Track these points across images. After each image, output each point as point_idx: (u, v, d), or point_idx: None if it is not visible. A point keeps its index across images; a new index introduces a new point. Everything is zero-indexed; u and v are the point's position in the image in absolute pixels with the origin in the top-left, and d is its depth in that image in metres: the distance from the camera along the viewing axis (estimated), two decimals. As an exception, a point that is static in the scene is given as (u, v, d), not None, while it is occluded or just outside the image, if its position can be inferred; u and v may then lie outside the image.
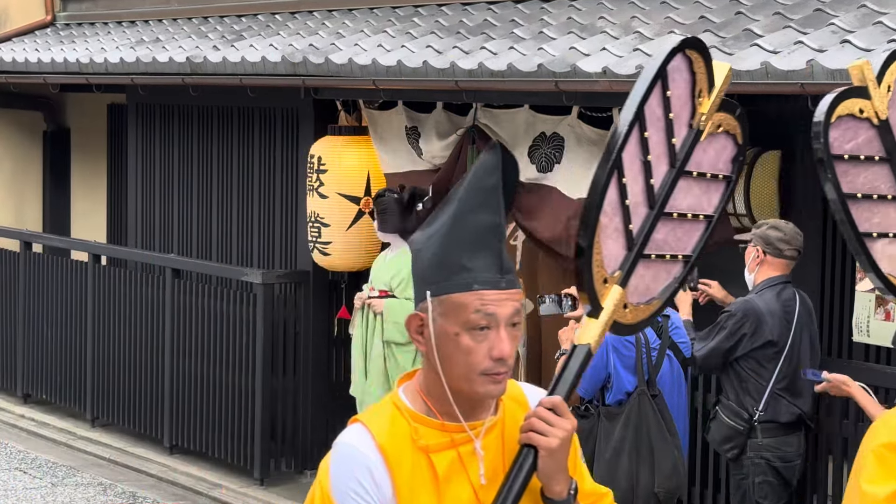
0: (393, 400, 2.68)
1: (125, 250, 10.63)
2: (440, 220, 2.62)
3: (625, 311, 2.76)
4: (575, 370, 2.64)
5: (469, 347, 2.56)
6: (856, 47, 5.66)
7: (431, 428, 2.62)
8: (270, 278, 8.94)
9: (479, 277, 2.57)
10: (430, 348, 2.60)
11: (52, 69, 10.57)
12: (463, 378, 2.57)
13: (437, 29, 8.15)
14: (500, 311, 2.56)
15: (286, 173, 9.44)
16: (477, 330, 2.56)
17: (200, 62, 9.10)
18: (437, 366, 2.59)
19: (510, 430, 2.65)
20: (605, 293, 2.71)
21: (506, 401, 2.68)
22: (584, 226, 2.67)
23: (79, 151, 12.65)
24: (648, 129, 2.74)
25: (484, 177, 2.60)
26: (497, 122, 7.70)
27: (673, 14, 6.98)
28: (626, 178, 2.70)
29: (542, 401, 2.60)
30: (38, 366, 11.02)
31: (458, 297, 2.56)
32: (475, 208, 2.58)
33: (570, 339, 6.08)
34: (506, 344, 2.56)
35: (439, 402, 2.62)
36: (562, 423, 2.56)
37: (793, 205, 7.03)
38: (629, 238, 2.75)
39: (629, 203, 2.73)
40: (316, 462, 9.13)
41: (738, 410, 6.12)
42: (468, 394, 2.60)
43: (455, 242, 2.58)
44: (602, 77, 6.50)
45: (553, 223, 7.32)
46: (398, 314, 7.89)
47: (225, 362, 9.21)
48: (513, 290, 2.59)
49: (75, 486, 9.16)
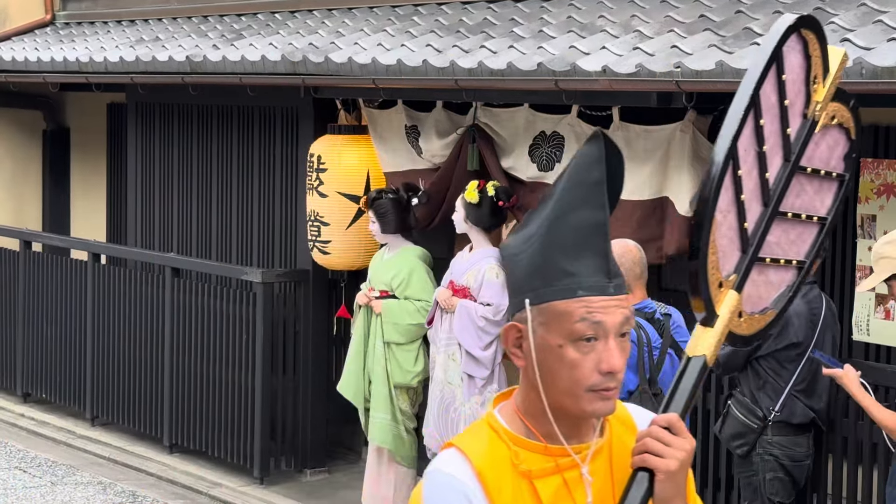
0: (489, 421, 2.42)
1: (125, 249, 10.63)
2: (537, 221, 2.37)
3: (739, 321, 2.48)
4: (691, 385, 2.37)
5: (574, 360, 2.31)
6: (856, 46, 5.66)
7: (533, 452, 2.37)
8: (270, 277, 8.94)
9: (583, 282, 2.31)
10: (530, 363, 2.35)
11: (52, 68, 10.57)
12: (568, 395, 2.33)
13: (436, 28, 8.15)
14: (608, 320, 2.31)
15: (286, 172, 9.44)
16: (583, 341, 2.31)
17: (200, 61, 9.09)
18: (537, 382, 2.34)
19: (618, 455, 2.41)
20: (721, 299, 2.44)
21: (612, 422, 2.44)
22: (698, 222, 2.37)
23: (78, 150, 12.65)
24: (763, 115, 2.45)
25: (586, 170, 2.34)
26: (497, 120, 7.70)
27: (673, 13, 6.98)
28: (741, 171, 2.42)
29: (657, 419, 2.32)
30: (38, 365, 11.02)
31: (561, 304, 2.31)
32: (577, 206, 2.33)
33: None
34: (615, 356, 2.31)
35: (540, 422, 2.38)
36: (680, 442, 2.30)
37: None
38: (744, 238, 2.47)
39: (744, 198, 2.44)
40: (316, 461, 9.15)
41: (753, 408, 6.10)
42: (573, 413, 2.35)
43: (556, 244, 2.33)
44: (602, 76, 6.50)
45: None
46: (397, 315, 7.89)
47: (225, 361, 9.21)
48: (621, 296, 2.34)
49: (75, 485, 9.16)
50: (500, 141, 7.69)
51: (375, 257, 8.20)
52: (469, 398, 7.43)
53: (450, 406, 7.50)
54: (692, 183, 6.69)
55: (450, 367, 7.50)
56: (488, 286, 7.36)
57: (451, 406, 7.50)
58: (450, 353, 7.50)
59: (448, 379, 7.51)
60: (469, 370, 7.41)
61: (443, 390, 7.53)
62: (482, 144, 7.70)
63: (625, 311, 2.33)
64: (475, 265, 7.45)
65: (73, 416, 10.74)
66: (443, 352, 7.54)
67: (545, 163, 7.42)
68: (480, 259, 7.45)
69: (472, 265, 7.47)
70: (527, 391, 2.39)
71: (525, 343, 2.35)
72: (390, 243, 8.05)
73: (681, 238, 6.75)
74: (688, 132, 6.69)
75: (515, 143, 7.59)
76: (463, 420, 7.43)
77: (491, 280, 7.37)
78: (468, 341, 7.38)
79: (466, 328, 7.38)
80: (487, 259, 7.42)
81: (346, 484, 9.05)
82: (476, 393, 7.42)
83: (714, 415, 6.82)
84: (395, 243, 8.04)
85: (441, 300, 7.51)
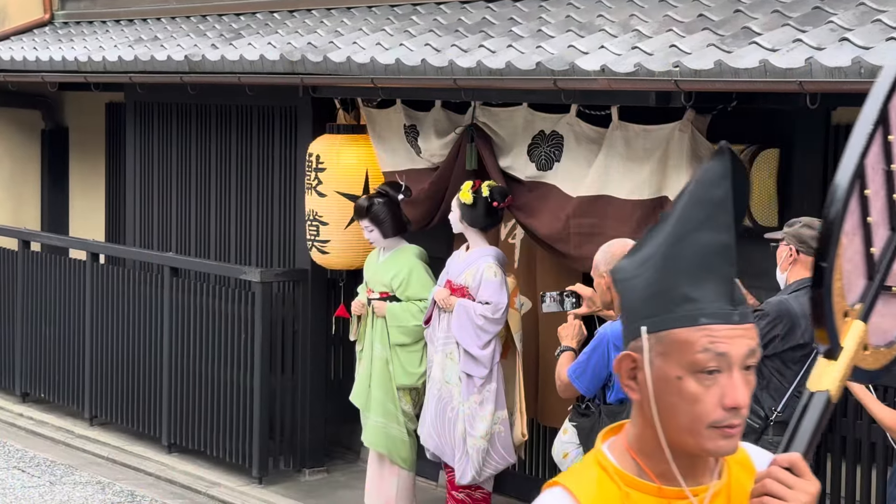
0: (598, 459, 2.25)
1: (123, 249, 10.63)
2: (655, 242, 2.20)
3: (865, 354, 2.30)
4: (814, 422, 2.22)
5: (695, 394, 2.14)
6: (854, 45, 5.66)
7: (647, 493, 2.21)
8: (269, 277, 8.93)
9: (706, 309, 2.15)
10: (646, 396, 2.17)
11: (51, 68, 10.57)
12: (687, 432, 2.15)
13: (435, 27, 8.15)
14: (732, 351, 2.15)
15: (284, 172, 9.44)
16: (705, 373, 2.14)
17: (199, 60, 9.09)
18: (653, 417, 2.17)
19: (737, 499, 2.24)
20: (845, 330, 2.26)
21: (730, 463, 2.27)
22: (824, 245, 2.21)
23: (77, 150, 12.64)
24: (893, 131, 2.27)
25: (710, 187, 2.18)
26: (496, 120, 7.70)
27: (671, 12, 6.98)
28: (869, 190, 2.25)
29: (778, 458, 2.17)
30: (37, 364, 11.02)
31: (682, 333, 2.14)
32: (700, 226, 2.17)
33: (571, 335, 6.07)
34: (740, 390, 2.14)
35: (654, 461, 2.20)
36: (803, 484, 2.14)
37: (791, 202, 7.03)
38: (870, 264, 2.30)
39: (871, 221, 2.27)
40: (314, 460, 9.15)
41: (755, 408, 6.08)
42: (692, 451, 2.18)
43: (676, 267, 2.17)
44: (601, 75, 6.50)
45: (552, 221, 7.32)
46: (402, 318, 7.87)
47: (223, 361, 9.21)
48: (747, 325, 2.17)
49: (73, 485, 9.15)
50: (499, 140, 7.69)
51: (370, 259, 8.17)
52: (468, 397, 7.42)
53: (447, 405, 7.50)
54: (691, 182, 6.67)
55: (447, 367, 7.50)
56: (487, 285, 7.36)
57: (448, 405, 7.50)
58: (447, 352, 7.50)
59: (446, 378, 7.50)
60: (468, 369, 7.41)
61: (440, 389, 7.53)
62: (481, 144, 7.70)
63: (751, 341, 2.17)
64: (473, 264, 7.44)
65: (71, 416, 10.73)
66: (440, 351, 7.53)
67: (544, 162, 7.42)
68: (478, 258, 7.44)
69: (469, 264, 7.46)
70: (641, 427, 2.22)
71: (640, 374, 2.18)
72: (386, 246, 8.04)
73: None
74: (686, 131, 6.69)
75: (514, 142, 7.59)
76: (461, 419, 7.42)
77: (489, 279, 7.36)
78: (467, 340, 7.38)
79: (465, 327, 7.38)
80: (485, 258, 7.42)
81: (345, 483, 9.05)
82: (475, 392, 7.42)
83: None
84: (390, 244, 8.03)
85: (439, 300, 7.51)
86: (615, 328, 5.66)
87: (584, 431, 5.76)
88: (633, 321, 2.22)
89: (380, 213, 7.91)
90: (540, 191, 7.44)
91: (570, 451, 5.86)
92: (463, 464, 7.46)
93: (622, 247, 5.77)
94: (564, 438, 5.88)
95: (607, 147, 7.06)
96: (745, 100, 6.52)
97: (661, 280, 2.18)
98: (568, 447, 5.86)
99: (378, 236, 7.97)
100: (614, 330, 5.65)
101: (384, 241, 7.99)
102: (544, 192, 7.41)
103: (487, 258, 7.41)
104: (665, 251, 2.18)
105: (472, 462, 7.43)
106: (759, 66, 5.84)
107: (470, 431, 7.41)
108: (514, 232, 8.05)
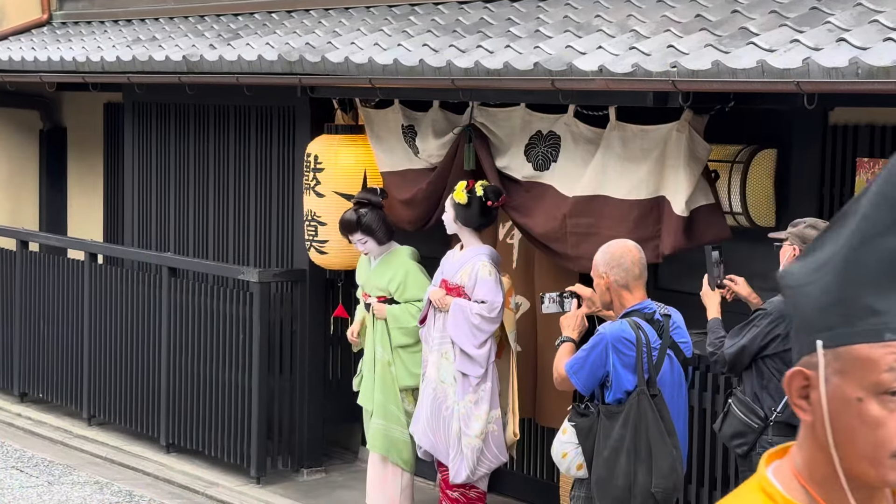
0: (762, 485, 2.02)
1: (122, 249, 10.63)
2: (833, 245, 1.96)
3: None
4: None
5: (878, 419, 1.90)
6: (852, 45, 5.67)
7: None
8: (267, 277, 8.94)
9: (892, 323, 1.90)
10: (819, 418, 1.94)
11: (49, 68, 10.57)
12: (867, 459, 1.92)
13: (433, 27, 8.15)
14: None
15: (283, 172, 9.44)
16: (889, 395, 1.90)
17: (197, 61, 9.09)
18: (828, 441, 1.94)
19: None
20: None
21: None
22: None
23: (75, 150, 12.64)
24: None
25: None
26: (493, 120, 7.70)
27: (669, 12, 6.98)
28: None
29: None
30: (35, 364, 11.02)
31: (865, 349, 1.91)
32: (887, 229, 1.92)
33: (572, 326, 6.08)
34: None
35: (826, 490, 1.97)
36: None
37: (788, 203, 7.04)
38: None
39: None
40: (312, 460, 9.15)
41: (754, 407, 6.09)
42: (872, 482, 1.94)
43: (858, 275, 1.92)
44: (598, 75, 6.50)
45: (549, 220, 7.33)
46: (402, 319, 7.85)
47: (221, 361, 9.21)
48: None
49: (72, 485, 9.16)
50: (496, 140, 7.69)
51: (362, 263, 8.12)
52: (463, 397, 7.43)
53: (442, 404, 7.50)
54: (688, 182, 6.69)
55: (443, 366, 7.50)
56: (482, 284, 7.37)
57: (443, 405, 7.50)
58: (443, 351, 7.50)
59: (441, 377, 7.51)
60: (463, 368, 7.41)
61: (435, 389, 7.53)
62: (478, 144, 7.70)
63: None
64: (467, 263, 7.44)
65: (69, 416, 10.74)
66: (436, 350, 7.53)
67: (541, 162, 7.43)
68: (473, 257, 7.44)
69: (463, 264, 7.46)
70: (812, 451, 1.98)
71: (814, 394, 1.95)
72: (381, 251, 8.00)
73: (677, 238, 6.76)
74: (684, 132, 6.69)
75: (511, 142, 7.59)
76: (456, 418, 7.43)
77: (485, 277, 7.37)
78: (463, 339, 7.38)
79: (461, 326, 7.38)
80: (479, 256, 7.42)
81: (343, 484, 9.05)
82: (470, 391, 7.42)
83: (711, 414, 6.83)
84: (384, 249, 8.00)
85: (434, 299, 7.50)
86: (614, 329, 5.66)
87: (582, 431, 5.76)
88: (806, 334, 1.98)
89: (371, 223, 7.87)
90: (536, 191, 7.45)
91: (569, 451, 5.87)
92: (457, 463, 7.46)
93: (622, 248, 5.78)
94: (564, 438, 5.89)
95: (604, 147, 7.07)
96: (743, 100, 6.53)
97: (841, 288, 1.94)
98: (567, 447, 5.87)
99: (373, 245, 7.93)
100: (613, 331, 5.65)
101: (379, 248, 7.97)
102: (541, 192, 7.42)
103: (482, 257, 7.42)
104: (846, 255, 1.94)
105: (467, 461, 7.43)
106: (756, 67, 5.85)
107: (465, 431, 7.42)
108: (511, 232, 8.06)
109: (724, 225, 6.86)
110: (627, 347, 5.61)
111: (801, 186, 6.97)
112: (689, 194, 6.70)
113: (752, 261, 7.10)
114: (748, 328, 6.06)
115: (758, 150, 7.04)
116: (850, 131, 6.82)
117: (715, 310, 6.33)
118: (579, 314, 6.13)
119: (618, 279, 5.73)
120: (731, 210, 7.01)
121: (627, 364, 5.63)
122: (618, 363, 5.62)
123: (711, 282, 6.38)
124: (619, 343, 5.63)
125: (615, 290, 5.76)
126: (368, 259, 8.07)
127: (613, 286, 5.75)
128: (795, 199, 6.98)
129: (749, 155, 7.03)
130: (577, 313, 6.12)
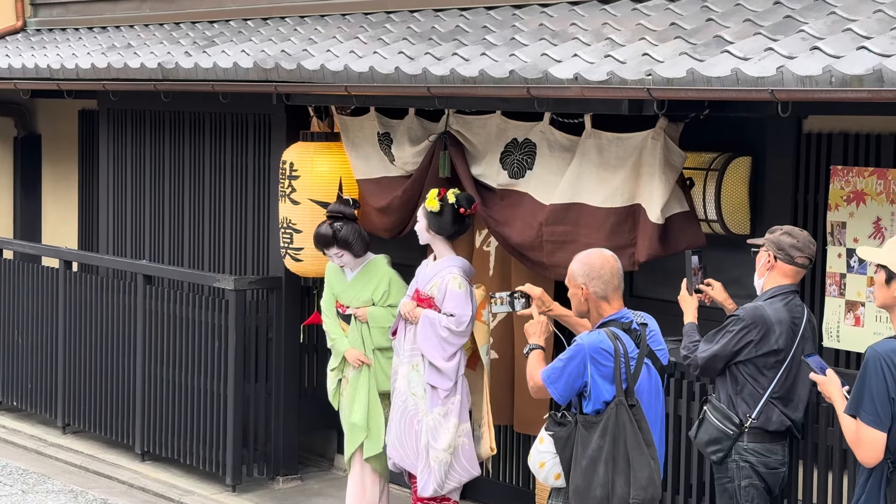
0: None
1: (96, 256, 10.60)
2: None
3: None
4: None
5: None
6: (825, 54, 5.69)
7: None
8: (242, 284, 8.93)
9: None
10: None
11: (23, 75, 10.53)
12: None
13: (409, 35, 8.16)
14: None
15: (258, 179, 9.43)
16: None
17: (172, 68, 9.08)
18: None
19: None
20: None
21: None
22: None
23: (50, 157, 12.60)
24: None
25: None
26: (469, 128, 7.71)
27: (644, 21, 7.00)
28: None
29: None
30: (9, 372, 10.97)
31: None
32: None
33: (538, 333, 6.07)
34: None
35: None
36: None
37: (763, 210, 7.07)
38: None
39: None
40: (288, 468, 9.14)
41: (729, 414, 6.10)
42: None
43: None
44: (574, 83, 6.52)
45: (525, 229, 7.33)
46: (382, 319, 7.84)
47: (197, 368, 9.20)
48: None
49: (46, 493, 9.12)
50: (472, 148, 7.70)
51: (335, 274, 8.05)
52: (432, 409, 7.40)
53: (413, 417, 7.48)
54: (664, 190, 6.71)
55: (413, 378, 7.48)
56: (451, 296, 7.34)
57: (414, 417, 7.48)
58: (413, 363, 7.48)
59: (411, 390, 7.49)
60: (432, 381, 7.38)
61: (405, 401, 7.51)
62: (454, 151, 7.71)
63: None
64: (438, 275, 7.42)
65: (44, 424, 10.70)
66: (406, 362, 7.51)
67: (516, 170, 7.43)
68: (444, 268, 7.42)
69: (435, 274, 7.45)
70: None
71: None
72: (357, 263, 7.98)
73: (652, 245, 6.77)
74: (659, 139, 6.71)
75: (487, 150, 7.60)
76: (425, 431, 7.41)
77: (454, 290, 7.34)
78: (432, 352, 7.36)
79: (430, 339, 7.36)
80: (451, 269, 7.40)
81: (319, 491, 9.04)
82: (439, 404, 7.40)
83: (686, 421, 6.84)
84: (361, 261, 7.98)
85: (405, 312, 7.47)
86: (592, 339, 5.65)
87: (560, 441, 5.75)
88: None
89: (347, 236, 7.84)
90: (512, 199, 7.45)
91: (546, 461, 5.85)
92: (425, 476, 7.44)
93: (600, 258, 5.76)
94: (541, 448, 5.87)
95: (580, 155, 7.08)
96: (718, 108, 6.55)
97: None
98: (545, 456, 5.85)
99: (350, 258, 7.91)
100: (591, 342, 5.64)
101: (355, 261, 7.95)
102: (516, 200, 7.42)
103: (453, 269, 7.39)
104: None
105: (434, 474, 7.40)
106: (730, 75, 5.87)
107: (433, 444, 7.38)
108: (488, 240, 8.06)
109: (699, 232, 6.88)
110: (605, 358, 5.61)
111: (775, 194, 6.99)
112: (664, 202, 6.72)
113: (726, 268, 7.13)
114: (721, 334, 6.08)
115: (732, 158, 7.06)
116: (824, 139, 6.85)
117: (691, 315, 6.34)
118: (543, 321, 6.12)
119: (597, 291, 5.71)
120: (706, 217, 7.03)
121: (605, 375, 5.63)
122: (596, 374, 5.61)
123: (690, 287, 6.40)
124: (598, 354, 5.62)
125: (594, 302, 5.75)
126: (343, 271, 8.04)
127: (592, 297, 5.74)
128: (770, 207, 7.00)
129: (724, 162, 7.05)
130: (541, 320, 6.12)
